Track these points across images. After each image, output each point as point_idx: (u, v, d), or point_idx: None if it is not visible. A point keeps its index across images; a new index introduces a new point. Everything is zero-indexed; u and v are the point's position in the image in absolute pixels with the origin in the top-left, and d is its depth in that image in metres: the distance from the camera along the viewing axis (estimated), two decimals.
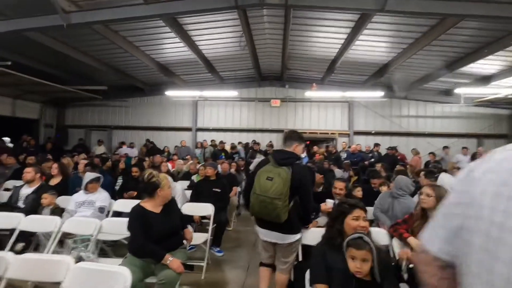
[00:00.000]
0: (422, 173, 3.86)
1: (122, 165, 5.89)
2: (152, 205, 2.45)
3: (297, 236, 2.39)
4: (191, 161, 7.15)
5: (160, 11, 4.92)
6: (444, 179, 3.64)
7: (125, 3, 5.01)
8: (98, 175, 3.79)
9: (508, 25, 5.45)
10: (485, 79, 8.28)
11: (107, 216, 3.48)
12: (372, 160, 8.44)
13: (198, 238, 3.44)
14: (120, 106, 11.65)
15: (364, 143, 10.05)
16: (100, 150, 10.07)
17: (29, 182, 3.82)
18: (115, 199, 3.91)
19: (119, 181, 5.35)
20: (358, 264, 1.52)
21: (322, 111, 10.95)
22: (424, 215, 2.29)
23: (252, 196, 2.31)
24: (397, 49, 7.13)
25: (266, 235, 2.43)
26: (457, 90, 8.71)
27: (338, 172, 6.42)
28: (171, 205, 2.57)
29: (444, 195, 2.19)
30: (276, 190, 2.20)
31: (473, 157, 7.26)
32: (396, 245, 2.42)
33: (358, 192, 3.65)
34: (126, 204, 3.66)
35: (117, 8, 4.95)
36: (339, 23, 6.19)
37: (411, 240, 2.26)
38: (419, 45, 6.50)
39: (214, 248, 4.03)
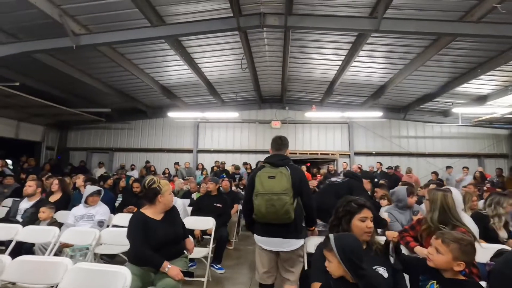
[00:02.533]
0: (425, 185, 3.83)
1: (123, 183, 5.85)
2: (152, 212, 2.39)
3: (302, 242, 2.31)
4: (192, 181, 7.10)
5: (165, 33, 5.16)
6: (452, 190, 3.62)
7: (133, 26, 5.28)
8: (99, 188, 3.77)
9: (499, 45, 5.69)
10: (481, 99, 8.45)
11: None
12: (376, 180, 8.39)
13: (199, 252, 3.34)
14: (122, 128, 11.80)
15: (365, 163, 10.04)
16: (100, 172, 10.04)
17: (29, 196, 3.79)
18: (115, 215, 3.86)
19: (119, 198, 5.30)
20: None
21: (322, 132, 11.06)
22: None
23: (256, 198, 2.24)
24: (393, 70, 7.37)
25: (269, 243, 2.32)
26: (455, 110, 8.86)
27: None
28: (172, 213, 2.51)
29: (437, 198, 2.17)
30: (281, 185, 2.19)
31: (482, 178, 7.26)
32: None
33: None
34: (125, 218, 3.60)
35: (124, 31, 5.20)
36: (336, 45, 6.46)
37: (418, 249, 2.19)
38: (414, 66, 6.72)
39: (215, 265, 3.90)
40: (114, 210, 4.38)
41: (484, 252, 2.35)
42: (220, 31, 5.14)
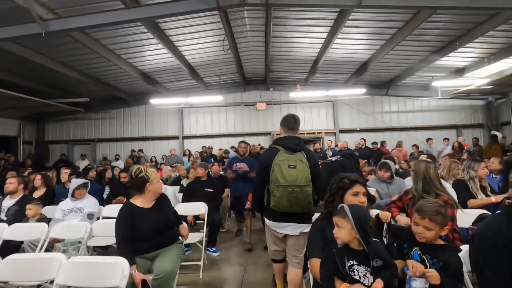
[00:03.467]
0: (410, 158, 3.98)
1: (109, 174, 5.72)
2: (142, 201, 2.36)
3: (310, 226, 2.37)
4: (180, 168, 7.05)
5: (141, 15, 4.88)
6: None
7: (105, 9, 4.97)
8: (85, 180, 3.68)
9: (476, 16, 5.78)
10: (459, 72, 8.68)
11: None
12: (357, 154, 8.60)
13: (193, 237, 3.37)
14: (103, 118, 11.40)
15: (350, 140, 10.23)
16: (83, 164, 9.76)
17: (11, 193, 3.64)
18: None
19: (107, 190, 5.21)
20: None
21: (307, 112, 11.11)
22: None
23: (277, 189, 2.15)
24: (375, 45, 7.38)
25: (282, 228, 2.30)
26: (435, 83, 9.07)
27: None
28: (163, 201, 2.48)
29: (420, 169, 2.27)
30: (303, 176, 2.14)
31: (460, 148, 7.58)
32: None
33: None
34: (115, 209, 3.53)
35: (96, 14, 4.88)
36: (319, 22, 6.36)
37: (399, 218, 2.30)
38: (396, 41, 6.76)
39: (209, 249, 3.96)
40: (103, 202, 4.31)
41: (466, 217, 2.51)
42: (199, 11, 4.91)
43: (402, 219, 2.24)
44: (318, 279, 1.62)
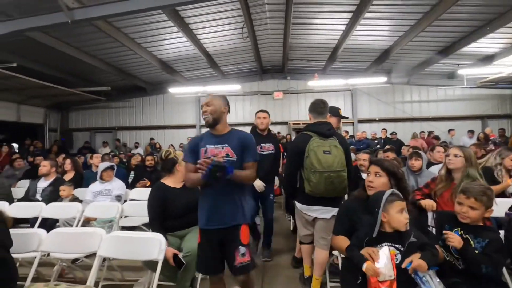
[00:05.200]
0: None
1: (135, 160, 5.89)
2: (173, 181, 2.47)
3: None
4: None
5: (163, 2, 4.91)
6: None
7: None
8: (111, 163, 3.83)
9: None
10: (488, 59, 8.26)
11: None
12: (378, 146, 8.46)
13: None
14: (123, 107, 11.70)
15: (369, 130, 10.06)
16: (105, 151, 10.10)
17: (45, 175, 3.86)
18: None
19: (132, 175, 5.39)
20: (406, 214, 1.49)
21: None
22: (448, 177, 2.29)
23: (314, 175, 2.17)
24: (399, 32, 7.12)
25: (313, 211, 2.34)
26: (460, 71, 8.69)
27: None
28: None
29: (472, 155, 2.21)
30: (339, 162, 2.16)
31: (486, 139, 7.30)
32: None
33: None
34: (141, 192, 3.70)
35: (120, 2, 4.95)
36: (341, 8, 6.19)
37: (423, 201, 2.24)
38: (420, 27, 6.49)
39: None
40: (128, 186, 4.48)
41: (496, 206, 2.46)
42: None
43: (428, 202, 2.16)
44: (342, 252, 1.70)
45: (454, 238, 1.53)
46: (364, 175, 3.34)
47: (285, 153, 3.97)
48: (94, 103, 11.21)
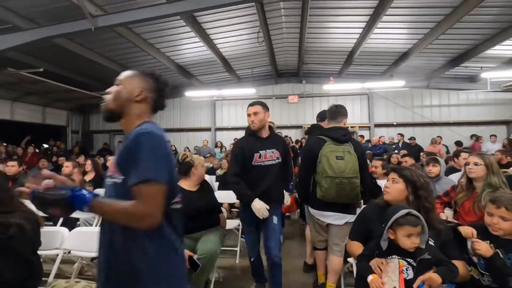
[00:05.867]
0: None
1: None
2: (189, 184, 2.52)
3: (355, 217, 2.35)
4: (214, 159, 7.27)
5: (181, 8, 5.04)
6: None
7: (148, 4, 5.19)
8: None
9: None
10: None
11: None
12: (396, 151, 8.25)
13: (230, 223, 3.48)
14: None
15: (386, 135, 9.83)
16: None
17: (67, 176, 4.01)
18: None
19: None
20: (415, 240, 1.39)
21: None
22: (469, 186, 2.20)
23: (325, 180, 2.14)
24: (418, 35, 6.97)
25: (326, 217, 2.31)
26: (484, 75, 8.38)
27: None
28: (206, 185, 2.65)
29: (494, 163, 2.12)
30: (352, 168, 2.12)
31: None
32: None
33: None
34: None
35: (140, 9, 5.13)
36: (357, 11, 6.14)
37: (461, 228, 2.14)
38: (441, 29, 6.32)
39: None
40: None
41: None
42: (238, 3, 4.97)
43: (467, 230, 1.77)
44: (355, 258, 1.67)
45: (482, 245, 1.45)
46: (379, 182, 3.28)
47: (298, 159, 3.93)
48: None
